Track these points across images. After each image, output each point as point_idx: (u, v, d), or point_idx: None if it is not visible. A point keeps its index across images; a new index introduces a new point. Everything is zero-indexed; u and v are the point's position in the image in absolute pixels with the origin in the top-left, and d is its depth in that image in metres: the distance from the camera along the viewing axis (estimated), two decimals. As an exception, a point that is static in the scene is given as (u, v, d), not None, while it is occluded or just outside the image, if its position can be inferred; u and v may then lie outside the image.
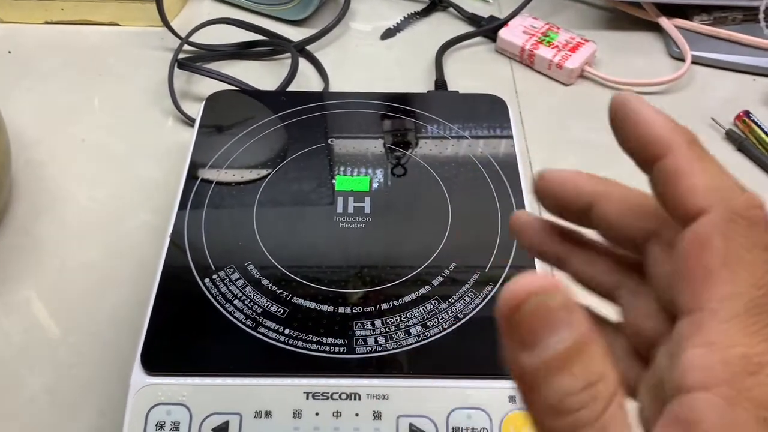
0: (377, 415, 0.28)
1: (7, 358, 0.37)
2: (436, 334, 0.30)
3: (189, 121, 0.49)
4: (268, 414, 0.28)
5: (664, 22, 0.56)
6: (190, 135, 0.41)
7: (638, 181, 0.19)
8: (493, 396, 0.28)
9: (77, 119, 0.50)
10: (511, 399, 0.28)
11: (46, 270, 0.41)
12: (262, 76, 0.53)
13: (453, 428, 0.28)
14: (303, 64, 0.54)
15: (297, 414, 0.28)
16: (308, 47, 0.55)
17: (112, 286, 0.40)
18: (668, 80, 0.52)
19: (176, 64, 0.50)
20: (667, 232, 0.18)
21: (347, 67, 0.55)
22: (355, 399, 0.28)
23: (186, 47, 0.53)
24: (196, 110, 0.44)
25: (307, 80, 0.54)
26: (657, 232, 0.18)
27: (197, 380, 0.29)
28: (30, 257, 0.42)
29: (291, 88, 0.51)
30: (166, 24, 0.53)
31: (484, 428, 0.28)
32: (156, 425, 0.28)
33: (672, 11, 0.56)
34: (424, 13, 0.59)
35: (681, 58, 0.54)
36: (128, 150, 0.48)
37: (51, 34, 0.58)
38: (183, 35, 0.53)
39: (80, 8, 0.58)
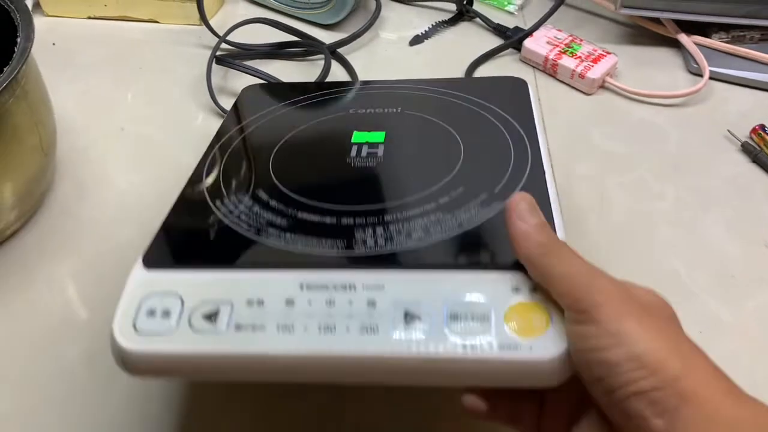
0: (372, 303, 0.27)
1: (49, 330, 0.39)
2: (437, 239, 0.30)
3: (223, 113, 0.51)
4: (260, 303, 0.27)
5: (683, 38, 0.57)
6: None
7: (657, 184, 0.21)
8: (497, 286, 0.27)
9: (117, 109, 0.53)
10: (515, 290, 0.27)
11: (85, 249, 0.43)
12: (295, 75, 0.56)
13: (451, 314, 0.26)
14: (334, 65, 0.56)
15: (289, 303, 0.27)
16: (339, 50, 0.57)
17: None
18: (686, 93, 0.53)
19: (214, 60, 0.52)
20: None
21: (376, 69, 0.57)
22: (349, 289, 0.28)
23: (222, 45, 0.56)
24: (230, 105, 0.46)
25: (337, 80, 0.56)
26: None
27: (192, 274, 0.29)
28: (71, 236, 0.44)
29: (322, 87, 0.53)
30: (206, 23, 0.56)
31: (485, 315, 0.26)
32: (147, 312, 0.28)
33: (691, 28, 0.58)
34: (451, 22, 0.61)
35: (699, 74, 0.56)
36: (165, 139, 0.50)
37: (93, 28, 0.61)
38: (220, 34, 0.56)
39: (122, 5, 0.60)
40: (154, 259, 0.30)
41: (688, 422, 0.21)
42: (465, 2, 0.61)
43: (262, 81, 0.52)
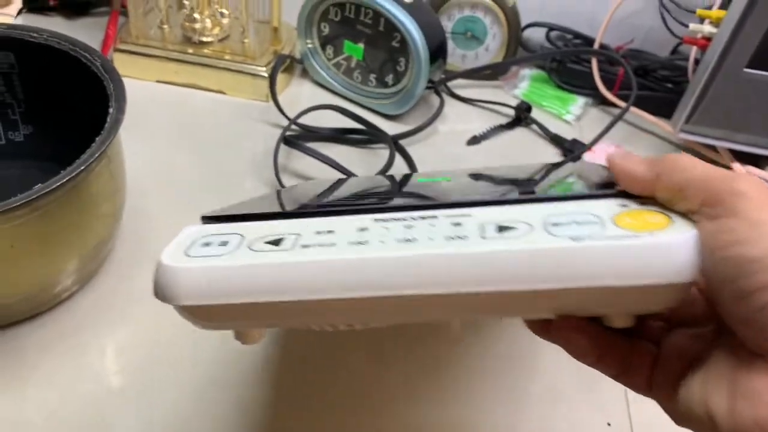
0: (457, 224, 0.23)
1: (100, 399, 0.38)
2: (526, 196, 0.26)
3: (286, 194, 0.52)
4: (330, 231, 0.24)
5: (737, 167, 0.58)
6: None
7: None
8: (602, 203, 0.23)
9: (180, 176, 0.53)
10: (623, 206, 0.23)
11: (138, 317, 0.43)
12: (357, 161, 0.57)
13: (553, 223, 0.22)
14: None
15: (362, 229, 0.24)
16: (401, 141, 0.58)
17: (201, 335, 0.41)
18: (741, 224, 0.54)
19: (282, 141, 0.54)
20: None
21: (432, 163, 0.58)
22: (430, 219, 0.24)
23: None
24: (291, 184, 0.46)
25: (396, 170, 0.57)
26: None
27: (257, 222, 0.26)
28: (125, 303, 0.43)
29: (382, 177, 0.54)
30: (276, 103, 0.57)
31: (592, 220, 0.22)
32: (202, 244, 0.24)
33: (744, 157, 0.59)
34: (509, 126, 0.63)
35: (752, 204, 0.56)
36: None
37: (161, 92, 0.62)
38: (284, 112, 0.57)
39: (192, 73, 0.62)
40: (214, 218, 0.27)
41: None
42: (524, 108, 0.62)
43: (325, 164, 0.53)
